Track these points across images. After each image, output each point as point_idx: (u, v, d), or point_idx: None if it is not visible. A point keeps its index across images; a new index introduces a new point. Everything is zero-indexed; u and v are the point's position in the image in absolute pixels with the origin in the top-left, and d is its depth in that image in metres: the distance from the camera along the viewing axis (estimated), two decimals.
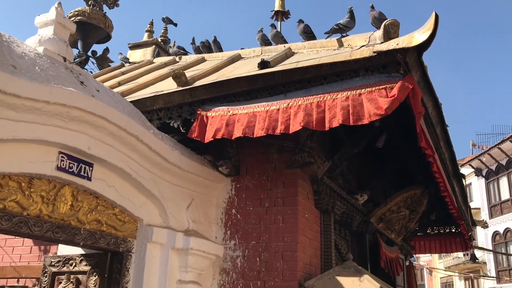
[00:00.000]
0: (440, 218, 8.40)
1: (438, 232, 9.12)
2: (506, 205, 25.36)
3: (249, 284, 4.34)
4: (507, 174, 25.28)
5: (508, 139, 23.68)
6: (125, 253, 3.78)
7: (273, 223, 4.43)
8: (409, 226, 7.14)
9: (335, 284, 4.05)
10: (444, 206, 7.22)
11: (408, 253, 8.35)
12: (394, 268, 6.43)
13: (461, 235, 8.77)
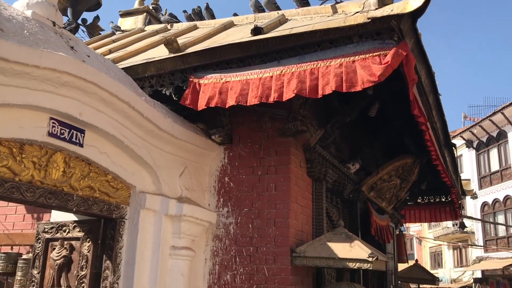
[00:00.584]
0: (430, 188, 8.51)
1: (428, 202, 9.24)
2: (496, 176, 25.71)
3: (241, 250, 4.40)
4: (497, 146, 25.53)
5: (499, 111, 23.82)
6: (118, 220, 3.80)
7: (266, 191, 4.46)
8: (400, 195, 7.22)
9: (326, 250, 4.11)
10: (435, 175, 7.30)
11: (398, 222, 8.48)
12: (384, 236, 6.52)
13: (451, 204, 8.89)
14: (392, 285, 7.26)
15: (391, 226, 7.51)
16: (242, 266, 4.35)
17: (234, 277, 4.35)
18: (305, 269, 4.47)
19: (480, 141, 26.47)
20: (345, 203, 6.00)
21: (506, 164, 24.86)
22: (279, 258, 4.23)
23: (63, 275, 3.85)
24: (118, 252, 3.75)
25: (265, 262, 4.28)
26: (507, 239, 24.43)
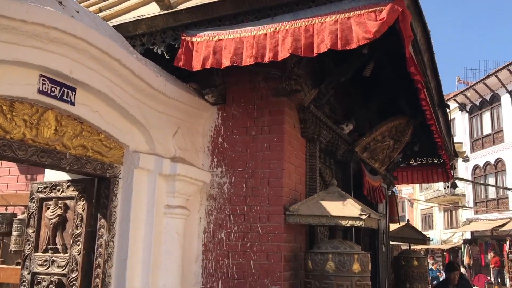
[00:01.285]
0: (423, 150, 8.56)
1: (421, 163, 9.31)
2: (488, 140, 25.92)
3: (235, 209, 4.43)
4: (490, 109, 25.63)
5: (493, 74, 23.78)
6: (112, 179, 3.79)
7: (260, 151, 4.46)
8: (392, 156, 7.27)
9: (319, 208, 4.15)
10: (428, 137, 7.33)
11: (391, 183, 8.57)
12: (377, 196, 6.59)
13: (443, 166, 8.97)
14: (384, 244, 7.39)
15: (384, 187, 7.58)
16: (236, 224, 4.40)
17: (229, 235, 4.40)
18: (298, 227, 4.53)
19: (473, 104, 26.54)
20: (338, 164, 6.03)
21: (499, 127, 25.03)
22: (272, 216, 4.27)
23: (58, 234, 3.88)
24: (113, 211, 3.77)
25: (259, 220, 4.32)
26: (497, 201, 24.87)
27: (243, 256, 4.30)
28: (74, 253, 3.74)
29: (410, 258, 7.83)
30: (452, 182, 9.43)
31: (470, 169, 26.47)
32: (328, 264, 3.96)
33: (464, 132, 27.27)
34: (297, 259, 4.42)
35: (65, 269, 3.75)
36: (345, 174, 6.01)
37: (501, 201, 24.45)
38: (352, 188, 5.92)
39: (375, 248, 6.92)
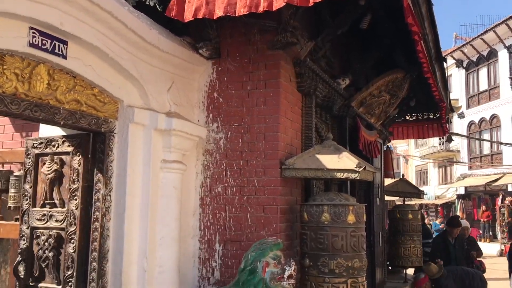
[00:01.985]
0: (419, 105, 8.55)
1: (416, 119, 9.31)
2: (484, 96, 25.91)
3: (232, 163, 4.45)
4: (487, 65, 25.49)
5: (491, 29, 23.47)
6: (107, 134, 3.78)
7: (255, 106, 4.44)
8: (389, 111, 7.26)
9: (315, 161, 4.17)
10: (424, 91, 7.31)
11: (386, 138, 8.59)
12: (372, 151, 6.62)
13: (438, 121, 8.98)
14: (379, 198, 7.50)
15: (379, 142, 7.61)
16: (233, 178, 4.43)
17: (225, 189, 4.44)
18: (294, 181, 4.56)
19: (470, 60, 26.35)
20: (334, 119, 6.02)
21: (495, 83, 24.97)
22: (269, 170, 4.30)
23: (55, 189, 3.90)
24: (109, 165, 3.78)
25: (255, 174, 4.35)
26: (491, 156, 25.12)
27: (240, 209, 4.36)
28: (72, 207, 3.77)
29: (405, 212, 7.97)
30: (447, 136, 9.45)
31: (466, 125, 26.58)
32: (323, 215, 4.02)
33: (461, 88, 27.20)
34: (293, 212, 4.48)
35: (64, 223, 3.80)
36: (341, 129, 6.02)
37: (495, 156, 24.71)
38: (347, 143, 5.93)
39: (370, 202, 7.01)
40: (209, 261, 4.41)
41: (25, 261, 3.91)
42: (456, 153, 28.08)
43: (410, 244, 7.93)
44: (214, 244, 4.42)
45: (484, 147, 26.03)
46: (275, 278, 3.52)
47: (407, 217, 7.92)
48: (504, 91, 23.93)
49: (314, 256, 4.02)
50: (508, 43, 23.26)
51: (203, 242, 4.46)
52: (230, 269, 4.31)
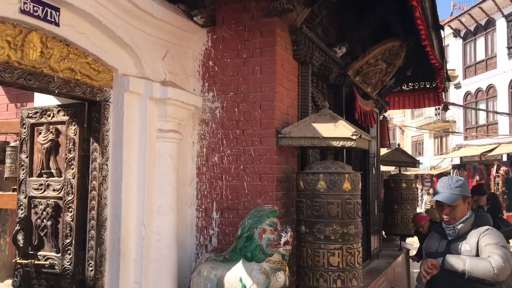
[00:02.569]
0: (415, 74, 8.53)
1: (413, 88, 9.30)
2: (480, 66, 25.81)
3: (228, 133, 4.45)
4: (484, 35, 25.29)
5: None
6: (102, 103, 3.76)
7: (251, 74, 4.41)
8: (385, 80, 7.23)
9: (311, 130, 4.17)
10: (421, 60, 7.28)
11: (383, 108, 8.58)
12: (368, 120, 6.62)
13: (434, 91, 8.98)
14: (374, 168, 7.54)
15: (375, 111, 7.60)
16: (229, 148, 4.44)
17: (222, 158, 4.46)
18: (290, 150, 4.58)
19: (468, 30, 26.13)
20: (331, 88, 6.00)
21: (492, 53, 24.84)
22: (265, 139, 4.30)
23: (51, 158, 3.90)
24: (105, 134, 3.77)
25: (251, 143, 4.36)
26: (487, 126, 25.21)
27: (236, 178, 4.38)
28: (69, 176, 3.78)
29: (399, 181, 8.05)
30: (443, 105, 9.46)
31: (462, 95, 26.57)
32: (319, 183, 4.05)
33: (457, 58, 27.08)
34: (289, 180, 4.51)
35: (61, 192, 3.81)
36: (337, 98, 6.00)
37: (491, 126, 24.79)
38: (344, 112, 5.93)
39: (366, 171, 7.06)
40: (207, 229, 4.46)
41: (24, 230, 3.94)
42: (452, 124, 28.15)
43: (405, 213, 8.05)
44: (211, 213, 4.46)
45: (480, 117, 26.10)
46: (271, 244, 3.57)
47: (401, 186, 8.01)
48: (501, 61, 23.83)
49: (310, 223, 4.07)
50: (507, 12, 23.03)
51: (200, 210, 4.50)
52: (227, 236, 4.37)
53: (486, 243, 2.93)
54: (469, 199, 3.13)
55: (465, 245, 3.01)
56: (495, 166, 22.44)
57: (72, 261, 3.71)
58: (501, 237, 2.98)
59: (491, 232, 3.01)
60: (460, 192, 3.06)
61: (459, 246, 3.04)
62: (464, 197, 3.08)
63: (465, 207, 3.10)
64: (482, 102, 25.36)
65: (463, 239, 3.04)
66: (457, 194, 3.05)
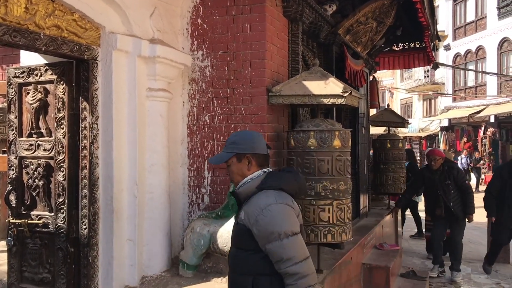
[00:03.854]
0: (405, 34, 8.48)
1: (403, 48, 9.24)
2: (470, 27, 25.70)
3: (218, 92, 4.43)
4: None
5: None
6: (90, 61, 3.71)
7: (241, 32, 4.36)
8: (375, 40, 7.18)
9: (301, 88, 4.17)
10: (411, 19, 7.23)
11: (373, 68, 8.57)
12: (358, 80, 6.61)
13: (424, 50, 8.95)
14: (364, 128, 7.59)
15: (365, 71, 7.59)
16: (220, 107, 4.43)
17: (212, 118, 4.45)
18: (281, 109, 4.58)
19: None
20: (321, 47, 5.96)
21: (482, 13, 24.70)
22: (255, 98, 4.30)
23: (41, 118, 3.87)
24: (94, 93, 3.74)
25: (242, 102, 4.35)
26: (475, 88, 25.33)
27: (227, 137, 4.38)
28: (59, 136, 3.76)
29: (387, 141, 8.12)
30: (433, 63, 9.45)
31: (451, 57, 26.55)
32: (310, 141, 4.07)
33: (447, 20, 26.90)
34: (279, 139, 4.54)
35: (52, 152, 3.80)
36: (328, 57, 5.97)
37: (479, 88, 24.92)
38: (334, 72, 5.90)
39: (355, 131, 7.10)
40: (199, 188, 4.50)
41: (16, 190, 3.94)
42: (441, 86, 28.24)
43: (393, 172, 8.15)
44: (203, 172, 4.49)
45: (469, 79, 26.18)
46: None
47: (389, 146, 8.08)
48: (491, 22, 23.72)
49: None
50: None
51: (192, 170, 4.53)
52: (219, 194, 4.41)
53: (263, 243, 2.32)
54: (248, 156, 2.46)
55: (242, 214, 2.44)
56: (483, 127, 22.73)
57: (66, 220, 3.74)
58: (279, 222, 2.30)
59: (269, 216, 2.30)
60: (232, 149, 2.48)
61: (240, 215, 2.47)
62: (238, 154, 2.47)
63: (242, 166, 2.47)
64: (471, 63, 25.39)
65: (245, 205, 2.44)
66: (228, 152, 2.49)
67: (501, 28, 22.96)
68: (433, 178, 7.04)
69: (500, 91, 22.92)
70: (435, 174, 7.02)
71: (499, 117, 22.55)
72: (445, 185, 6.91)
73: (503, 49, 23.18)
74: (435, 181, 6.99)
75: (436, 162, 6.97)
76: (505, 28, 22.68)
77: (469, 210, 6.90)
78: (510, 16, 22.37)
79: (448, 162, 7.17)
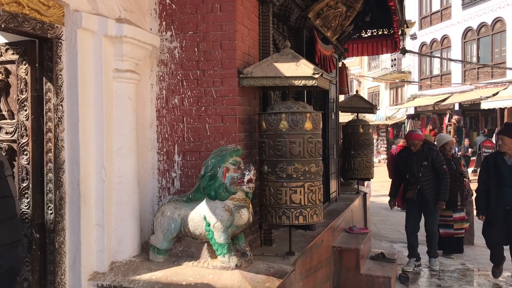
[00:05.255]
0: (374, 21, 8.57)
1: (371, 35, 9.33)
2: (436, 17, 26.20)
3: (188, 74, 4.35)
4: None
5: None
6: (54, 40, 3.56)
7: (211, 12, 4.27)
8: (344, 25, 7.21)
9: (273, 70, 4.13)
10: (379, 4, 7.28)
11: (342, 54, 8.62)
12: (328, 65, 6.63)
13: (392, 37, 9.05)
14: (333, 113, 7.63)
15: (335, 57, 7.62)
16: (190, 89, 4.35)
17: (182, 100, 4.37)
18: (252, 92, 4.54)
19: None
20: (291, 31, 5.93)
21: (447, 3, 25.18)
22: (226, 80, 4.23)
23: (2, 100, 3.71)
24: (59, 74, 3.60)
25: (212, 84, 4.28)
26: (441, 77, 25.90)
27: (198, 120, 4.32)
28: (22, 118, 3.61)
29: (356, 126, 8.21)
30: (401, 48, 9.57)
31: (418, 46, 27.01)
32: (281, 123, 4.05)
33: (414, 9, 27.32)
34: (251, 122, 4.49)
35: (14, 135, 3.65)
36: (298, 42, 5.96)
37: (444, 77, 25.49)
38: (304, 56, 5.88)
39: (325, 116, 7.12)
40: (169, 172, 4.42)
41: None
42: (408, 75, 28.75)
43: (362, 157, 8.26)
44: (173, 156, 4.41)
45: (434, 67, 26.74)
46: (235, 182, 3.58)
47: (358, 131, 8.17)
48: (456, 11, 24.23)
49: (272, 162, 4.10)
50: None
51: (162, 154, 4.44)
52: (190, 179, 4.35)
53: None
54: None
55: None
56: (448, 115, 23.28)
57: (30, 205, 3.61)
58: None
59: None
60: None
61: None
62: None
63: None
64: (437, 52, 25.92)
65: None
66: None
67: (465, 18, 23.48)
68: (409, 159, 6.73)
69: (464, 79, 23.50)
70: (413, 155, 6.69)
71: (463, 105, 23.15)
72: (421, 165, 6.57)
73: (467, 38, 23.73)
74: (412, 161, 6.67)
75: (415, 146, 6.65)
76: (469, 18, 23.21)
77: (441, 197, 6.47)
78: (473, 6, 22.89)
79: (428, 143, 6.85)
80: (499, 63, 21.13)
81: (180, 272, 3.62)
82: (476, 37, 23.01)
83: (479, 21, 22.62)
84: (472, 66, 23.06)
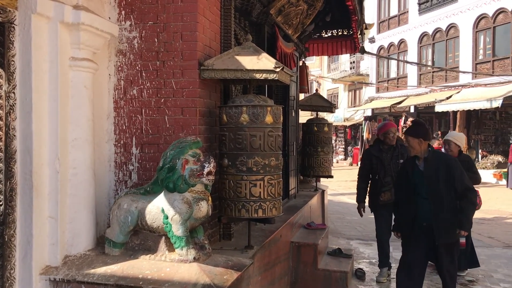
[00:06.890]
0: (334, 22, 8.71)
1: (331, 35, 9.48)
2: (393, 21, 26.91)
3: (147, 64, 4.27)
4: None
5: None
6: (6, 24, 3.40)
7: (171, 2, 4.21)
8: (305, 23, 7.28)
9: (234, 62, 4.11)
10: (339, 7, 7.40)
11: (302, 53, 8.70)
12: (288, 62, 6.68)
13: (352, 38, 9.22)
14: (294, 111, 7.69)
15: (296, 55, 7.68)
16: (149, 80, 4.27)
17: (141, 91, 4.28)
18: (213, 85, 4.50)
19: None
20: (253, 27, 5.93)
21: (405, 8, 25.91)
22: (187, 71, 4.18)
23: None
24: (11, 60, 3.44)
25: (172, 76, 4.22)
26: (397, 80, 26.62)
27: (157, 112, 4.25)
28: None
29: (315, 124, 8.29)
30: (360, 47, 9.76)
31: (376, 49, 27.67)
32: (242, 116, 4.04)
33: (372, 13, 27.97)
34: (211, 115, 4.46)
35: None
36: (259, 37, 5.96)
37: (401, 80, 26.22)
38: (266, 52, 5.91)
39: (286, 114, 7.17)
40: (126, 164, 4.33)
41: None
42: (366, 77, 29.39)
43: (320, 155, 8.35)
44: (130, 148, 4.32)
45: (391, 70, 27.45)
46: (194, 174, 3.54)
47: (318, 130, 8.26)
48: (412, 16, 24.97)
49: (232, 155, 4.08)
50: None
51: (119, 146, 4.34)
52: (148, 171, 4.27)
53: None
54: None
55: None
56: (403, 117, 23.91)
57: None
58: None
59: None
60: None
61: None
62: None
63: None
64: (394, 55, 26.63)
65: None
66: None
67: (421, 23, 24.23)
68: (382, 157, 6.07)
69: (420, 82, 24.24)
70: (386, 153, 6.08)
71: (418, 108, 23.87)
72: (397, 163, 5.90)
73: (423, 42, 24.49)
74: (385, 160, 6.03)
75: (394, 136, 6.01)
76: (425, 23, 23.97)
77: None
78: (429, 12, 23.66)
79: (400, 140, 6.23)
80: (452, 68, 21.92)
81: (136, 266, 3.55)
82: (431, 42, 23.79)
83: (434, 26, 23.39)
84: (428, 70, 23.83)
